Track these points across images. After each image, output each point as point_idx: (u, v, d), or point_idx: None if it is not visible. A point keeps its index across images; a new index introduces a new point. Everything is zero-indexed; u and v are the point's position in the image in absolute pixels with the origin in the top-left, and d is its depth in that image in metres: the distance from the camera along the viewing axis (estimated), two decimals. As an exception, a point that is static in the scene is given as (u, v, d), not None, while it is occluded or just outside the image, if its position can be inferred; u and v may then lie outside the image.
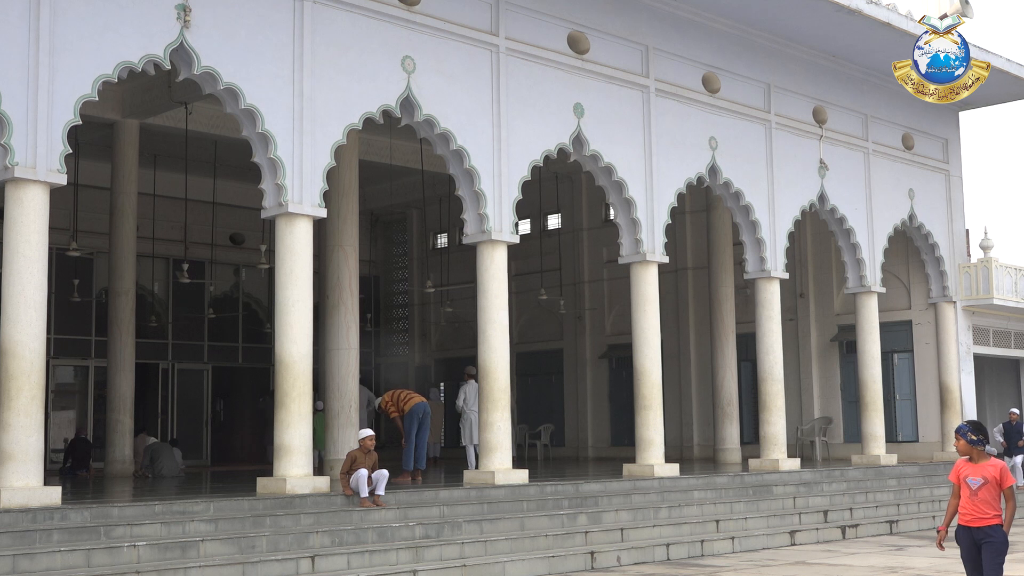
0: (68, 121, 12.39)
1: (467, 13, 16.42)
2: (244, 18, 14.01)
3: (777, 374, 20.89)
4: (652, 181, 18.57)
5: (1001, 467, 8.43)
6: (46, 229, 12.28)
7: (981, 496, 8.41)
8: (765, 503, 18.29)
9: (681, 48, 19.41)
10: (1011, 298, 25.16)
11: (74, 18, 12.56)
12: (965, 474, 8.50)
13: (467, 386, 19.49)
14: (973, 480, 8.44)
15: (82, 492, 16.04)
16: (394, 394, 17.97)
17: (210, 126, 21.01)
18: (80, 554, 11.14)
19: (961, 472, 8.55)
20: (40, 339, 12.11)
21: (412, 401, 17.56)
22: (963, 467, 8.54)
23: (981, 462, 8.51)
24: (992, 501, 8.37)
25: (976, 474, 8.47)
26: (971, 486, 8.43)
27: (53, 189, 12.38)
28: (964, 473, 8.51)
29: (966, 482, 8.47)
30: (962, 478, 8.52)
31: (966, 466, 8.52)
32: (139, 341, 21.94)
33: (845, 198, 22.27)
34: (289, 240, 14.34)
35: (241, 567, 11.62)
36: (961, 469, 8.56)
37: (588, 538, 14.83)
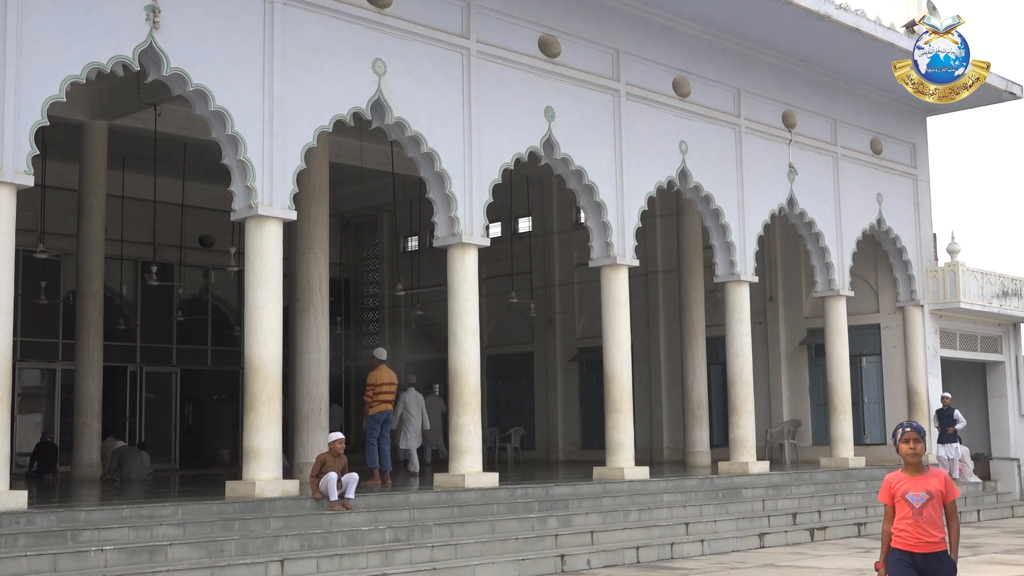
0: (36, 122, 12.29)
1: (438, 16, 16.41)
2: (214, 20, 13.94)
3: (746, 377, 20.98)
4: (623, 184, 18.61)
5: (945, 477, 7.23)
6: (13, 231, 12.17)
7: (927, 515, 7.11)
8: (734, 506, 18.36)
9: (652, 52, 19.46)
10: (977, 302, 25.35)
11: (42, 19, 12.46)
12: (904, 490, 7.19)
13: (407, 394, 19.87)
14: (916, 497, 7.13)
15: (49, 496, 15.91)
16: (377, 385, 17.55)
17: (179, 128, 20.89)
18: (47, 559, 11.06)
19: (898, 488, 7.23)
20: (6, 341, 11.99)
21: (379, 407, 17.39)
22: (900, 482, 7.23)
23: (921, 474, 7.25)
24: (938, 520, 7.11)
25: (918, 488, 7.16)
26: (913, 504, 7.13)
27: (20, 190, 12.27)
28: (902, 489, 7.20)
29: (906, 499, 7.16)
30: (900, 495, 7.20)
31: (905, 480, 7.22)
32: (107, 344, 21.76)
33: (814, 202, 22.39)
34: (259, 243, 14.28)
35: (210, 571, 11.56)
36: (897, 484, 7.24)
37: (558, 541, 14.85)
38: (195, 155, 22.67)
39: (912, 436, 7.20)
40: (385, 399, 17.40)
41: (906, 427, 7.29)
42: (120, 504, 13.01)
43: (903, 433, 7.26)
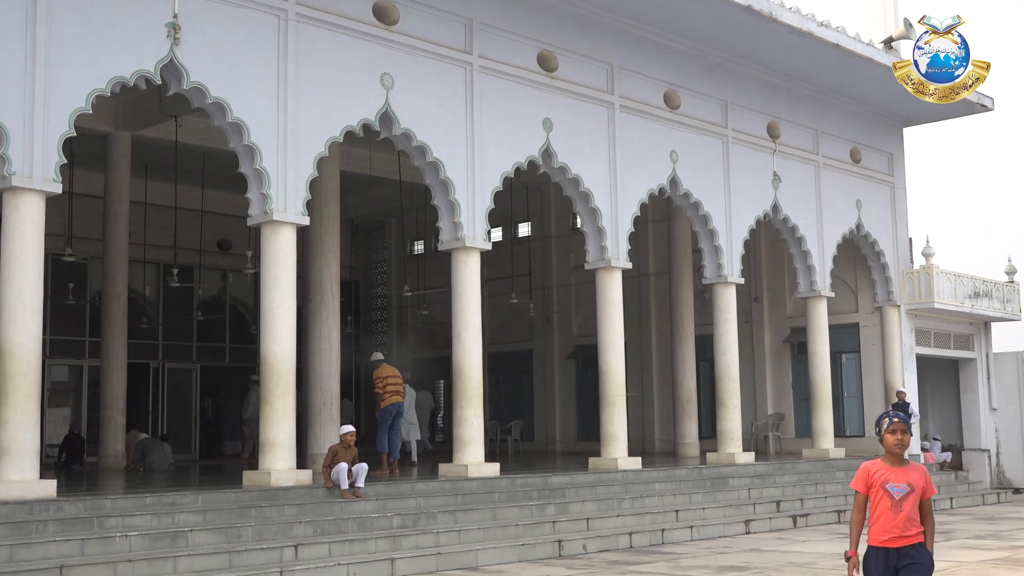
0: (63, 133, 12.30)
1: (443, 32, 16.41)
2: (231, 36, 13.95)
3: (733, 373, 20.97)
4: (616, 192, 18.61)
5: (925, 472, 6.72)
6: (42, 235, 12.18)
7: (906, 509, 6.55)
8: (722, 494, 18.36)
9: (644, 67, 19.46)
10: (951, 302, 25.33)
11: (69, 35, 12.48)
12: (884, 479, 6.60)
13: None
14: (896, 488, 6.57)
15: (76, 485, 15.91)
16: (383, 378, 17.62)
17: (199, 138, 20.89)
18: (75, 543, 11.07)
19: (877, 477, 6.63)
20: (36, 340, 12.02)
21: (391, 399, 17.45)
22: (881, 471, 6.65)
23: (903, 465, 6.68)
24: (914, 514, 6.57)
25: (899, 480, 6.59)
26: (894, 495, 6.56)
27: (49, 197, 12.28)
28: (882, 478, 6.61)
29: (886, 489, 6.57)
30: (878, 484, 6.61)
31: (886, 470, 6.63)
32: (131, 342, 21.75)
33: (797, 208, 22.39)
34: (274, 247, 14.29)
35: (228, 556, 11.57)
36: (877, 473, 6.65)
37: (556, 527, 14.85)
38: (214, 164, 22.67)
39: (900, 427, 6.66)
40: (393, 390, 17.41)
41: (893, 417, 6.73)
42: (143, 492, 13.02)
43: (890, 423, 6.70)
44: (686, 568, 12.67)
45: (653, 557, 13.73)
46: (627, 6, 18.40)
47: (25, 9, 12.14)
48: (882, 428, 6.74)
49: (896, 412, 6.95)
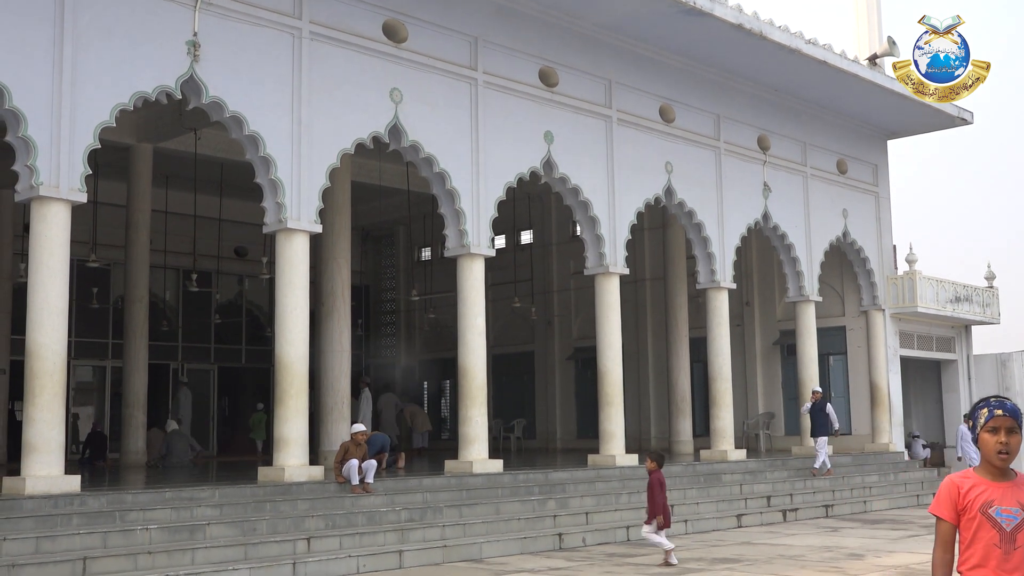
0: (88, 145, 12.31)
1: (449, 49, 16.41)
2: (248, 53, 13.96)
3: (726, 374, 20.95)
4: (614, 201, 18.60)
5: None
6: (68, 242, 12.19)
7: (1021, 544, 4.05)
8: (715, 489, 18.32)
9: (640, 82, 19.46)
10: (933, 306, 25.32)
11: (94, 53, 12.48)
12: (986, 501, 4.08)
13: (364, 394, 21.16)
14: (1006, 513, 4.06)
15: (99, 480, 15.90)
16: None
17: (217, 150, 20.91)
18: (98, 536, 11.07)
19: (975, 498, 4.10)
20: (62, 342, 12.02)
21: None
22: (980, 490, 4.11)
23: (1010, 480, 4.14)
24: None
25: (1008, 501, 4.07)
26: (1003, 524, 4.05)
27: (74, 206, 12.28)
28: (983, 499, 4.08)
29: (990, 516, 4.06)
30: (977, 509, 4.08)
31: (986, 488, 4.10)
32: (152, 344, 21.77)
33: (786, 217, 22.37)
34: (288, 253, 14.29)
35: (243, 548, 11.56)
36: (973, 493, 4.11)
37: (556, 521, 14.83)
38: (231, 174, 22.72)
39: (1005, 423, 4.10)
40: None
41: (995, 408, 4.14)
42: (163, 487, 13.00)
43: (990, 415, 4.13)
44: (681, 560, 12.64)
45: (650, 550, 13.69)
46: (624, 25, 18.41)
47: (52, 29, 12.15)
48: (979, 422, 4.20)
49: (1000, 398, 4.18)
